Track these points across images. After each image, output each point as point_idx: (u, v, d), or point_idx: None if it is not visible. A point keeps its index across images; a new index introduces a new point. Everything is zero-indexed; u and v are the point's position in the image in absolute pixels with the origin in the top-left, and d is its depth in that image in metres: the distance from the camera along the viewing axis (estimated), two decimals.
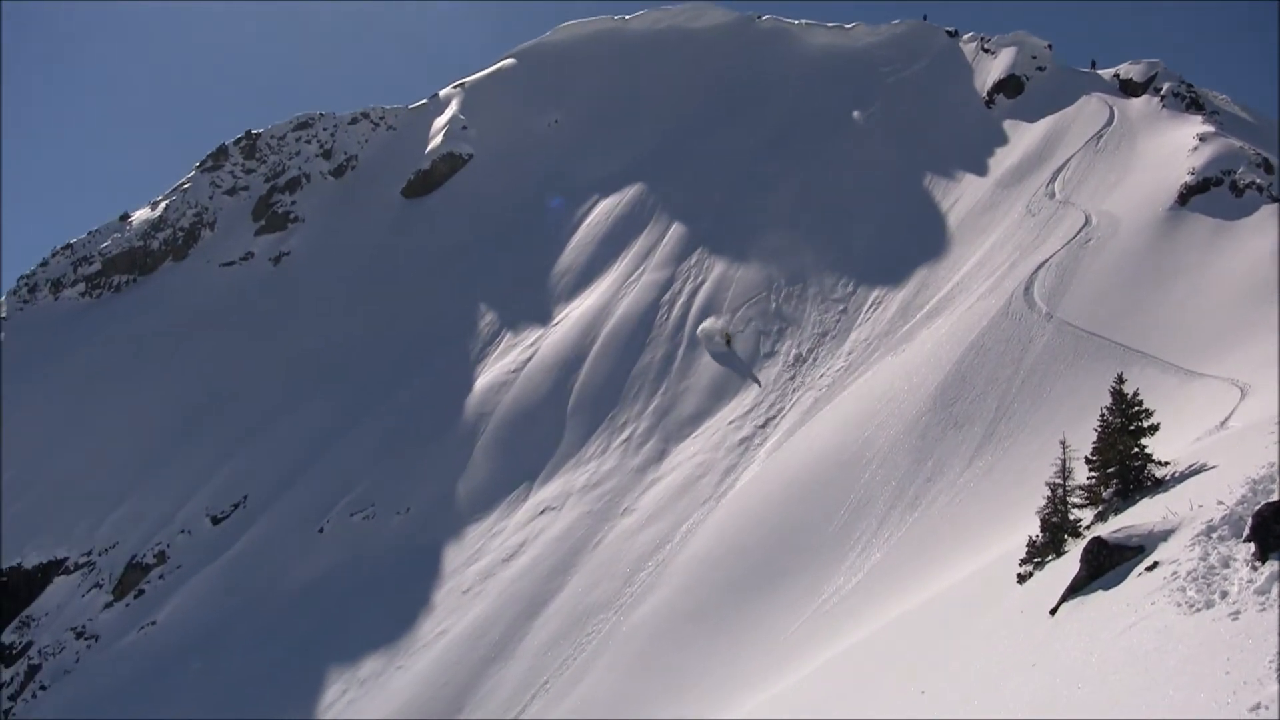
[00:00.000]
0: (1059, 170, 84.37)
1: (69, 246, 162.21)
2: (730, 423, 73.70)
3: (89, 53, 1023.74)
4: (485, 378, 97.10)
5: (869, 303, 79.55)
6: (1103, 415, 28.79)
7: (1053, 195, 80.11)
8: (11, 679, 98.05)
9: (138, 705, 78.24)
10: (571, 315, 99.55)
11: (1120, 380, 28.92)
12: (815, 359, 76.65)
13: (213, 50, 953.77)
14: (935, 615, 33.08)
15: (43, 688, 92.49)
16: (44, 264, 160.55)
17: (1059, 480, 28.74)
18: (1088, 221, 70.26)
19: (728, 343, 79.99)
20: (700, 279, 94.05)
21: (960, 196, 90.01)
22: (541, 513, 74.76)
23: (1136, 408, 28.19)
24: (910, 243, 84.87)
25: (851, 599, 46.68)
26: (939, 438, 53.48)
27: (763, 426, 71.46)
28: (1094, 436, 29.00)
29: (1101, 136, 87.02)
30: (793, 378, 75.65)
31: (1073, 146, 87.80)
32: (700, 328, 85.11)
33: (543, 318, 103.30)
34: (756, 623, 51.03)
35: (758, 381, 77.20)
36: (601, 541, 67.85)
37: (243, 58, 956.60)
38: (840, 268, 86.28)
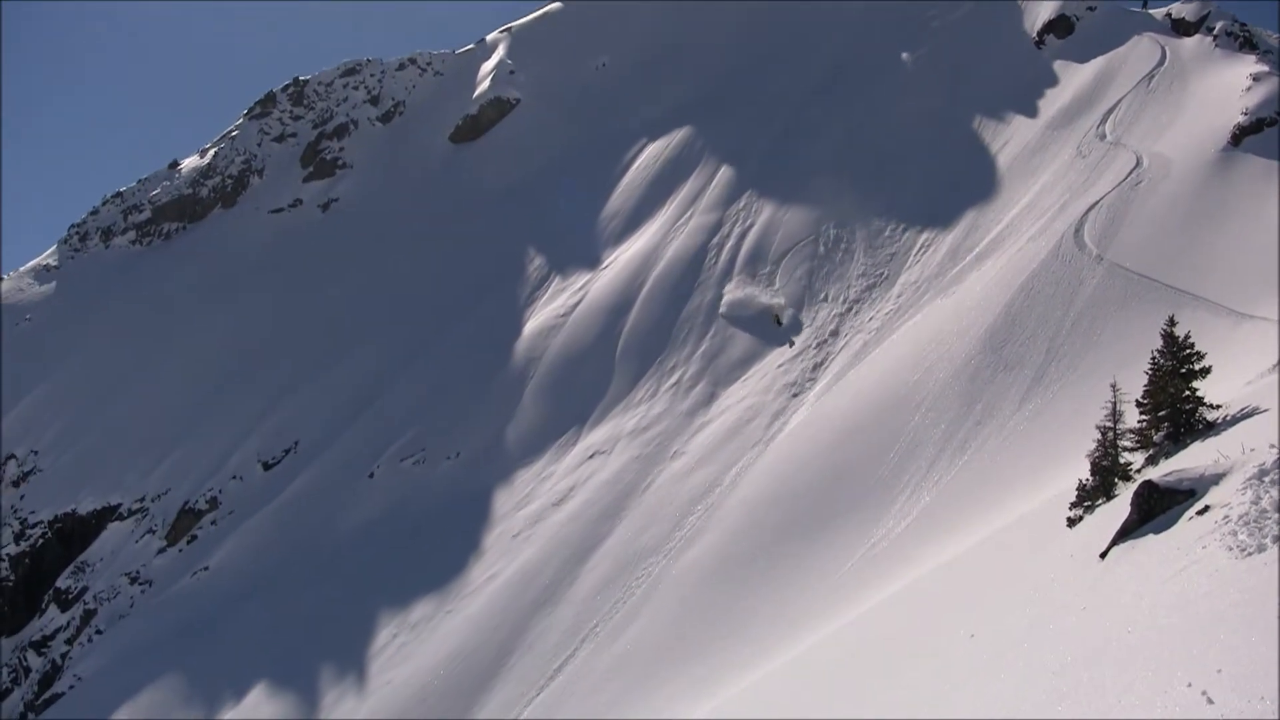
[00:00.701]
0: (1110, 111, 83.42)
1: (119, 195, 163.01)
2: (779, 366, 73.60)
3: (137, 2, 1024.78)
4: (534, 322, 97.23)
5: (918, 246, 79.14)
6: (1154, 358, 28.62)
7: (1103, 137, 79.22)
8: (68, 623, 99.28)
9: (191, 649, 79.11)
10: (620, 259, 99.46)
11: (1172, 323, 28.71)
12: (864, 302, 76.38)
13: None
14: (984, 559, 33.10)
15: (98, 632, 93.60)
16: (94, 212, 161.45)
17: (1109, 424, 28.63)
18: (1139, 163, 69.49)
19: (778, 322, 78.75)
20: (749, 222, 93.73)
21: (1010, 138, 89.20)
22: (590, 457, 74.96)
23: (1188, 350, 27.98)
24: (959, 185, 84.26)
25: (901, 542, 46.70)
26: (988, 381, 53.29)
27: (812, 370, 71.35)
28: (1145, 379, 28.83)
29: (1153, 77, 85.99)
30: (841, 321, 75.46)
31: (1124, 87, 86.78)
32: (731, 299, 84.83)
33: (591, 262, 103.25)
34: (806, 566, 51.11)
35: (805, 325, 77.05)
36: (651, 485, 68.01)
37: (289, 4, 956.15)
38: (889, 211, 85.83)
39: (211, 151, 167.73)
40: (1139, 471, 27.72)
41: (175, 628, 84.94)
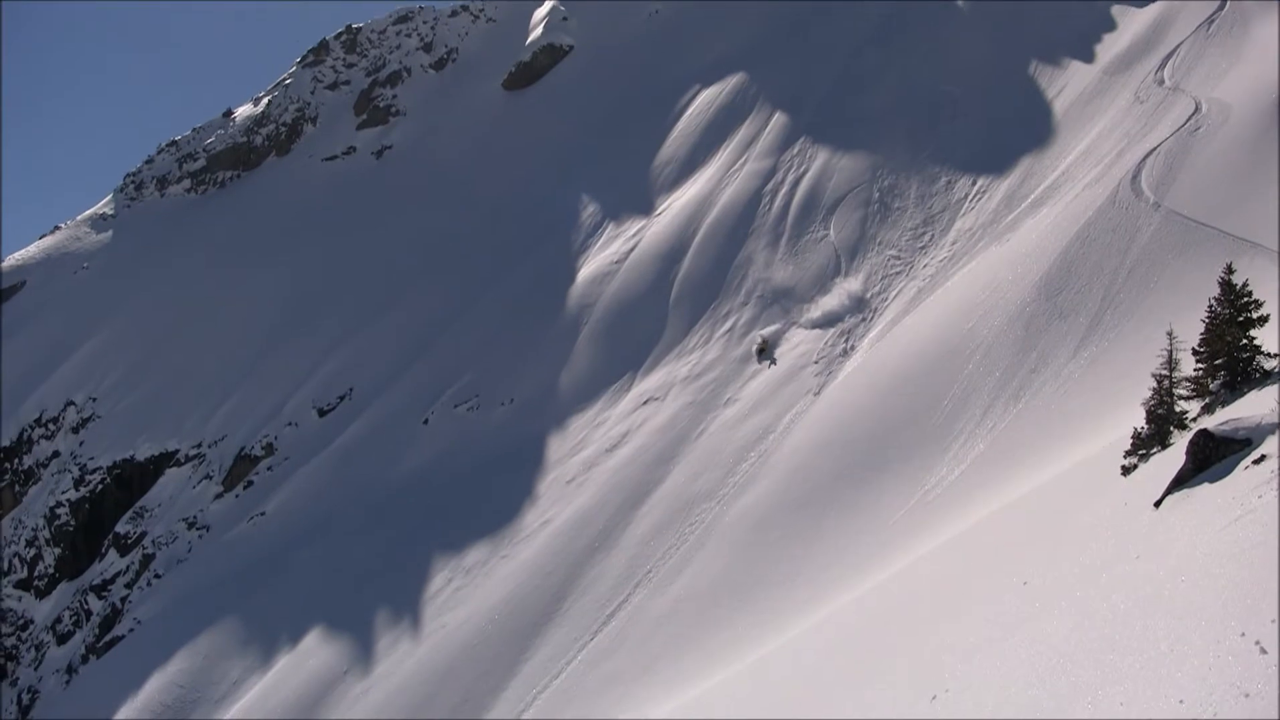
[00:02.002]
0: (1168, 57, 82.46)
1: (174, 143, 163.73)
2: (833, 312, 73.55)
3: None
4: (588, 269, 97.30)
5: (973, 192, 78.69)
6: (1211, 306, 28.43)
7: (1162, 82, 78.36)
8: (127, 568, 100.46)
9: (248, 594, 79.93)
10: (674, 205, 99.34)
11: (1229, 270, 28.50)
12: (918, 249, 76.10)
13: None
14: (1038, 507, 33.07)
15: (157, 576, 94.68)
16: (149, 161, 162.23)
17: (1165, 372, 28.51)
18: (1198, 109, 68.67)
19: (761, 351, 74.48)
20: (803, 169, 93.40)
21: (1066, 84, 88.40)
22: (644, 403, 75.13)
23: (1246, 299, 27.76)
24: (1015, 131, 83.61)
25: (955, 490, 46.68)
26: (1043, 328, 53.04)
27: (866, 317, 71.26)
28: (1201, 328, 28.66)
29: (1213, 22, 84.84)
30: (896, 268, 75.22)
31: (1183, 32, 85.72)
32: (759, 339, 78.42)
33: (645, 208, 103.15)
34: (859, 513, 51.17)
35: (859, 272, 76.83)
36: (704, 432, 68.14)
37: None
38: (943, 157, 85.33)
39: (265, 100, 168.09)
40: (1195, 420, 27.62)
41: (232, 572, 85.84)
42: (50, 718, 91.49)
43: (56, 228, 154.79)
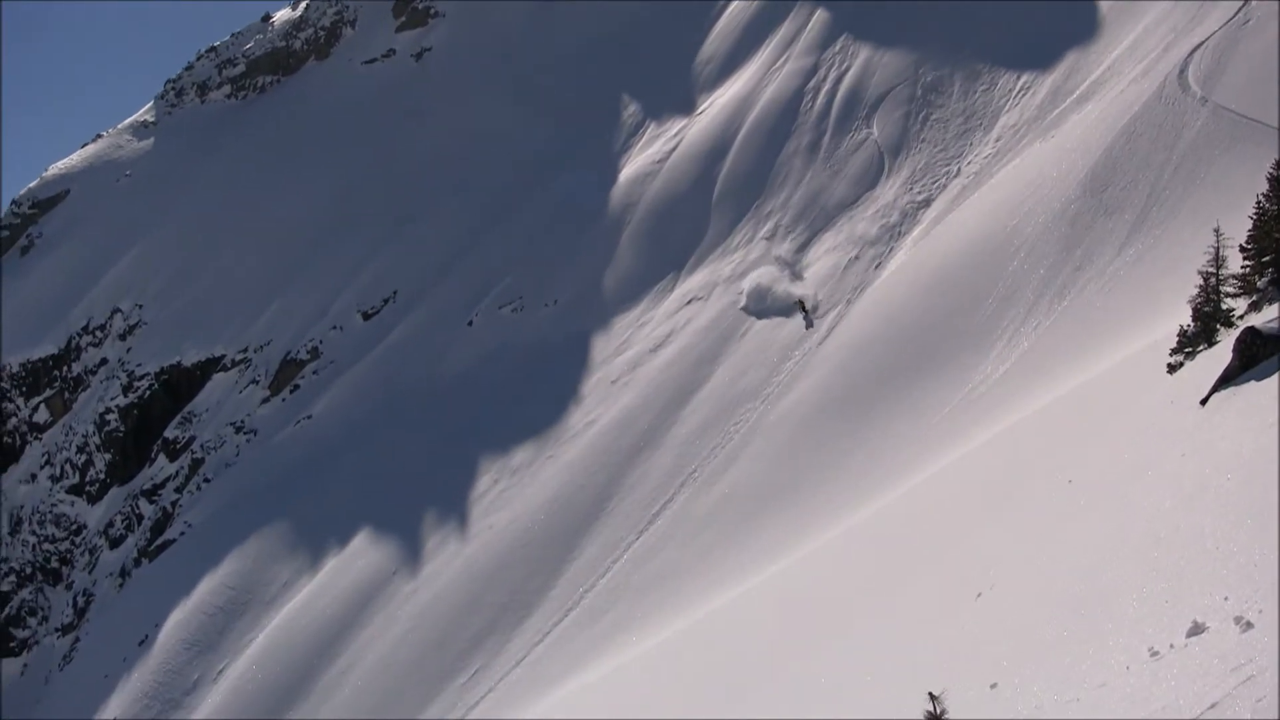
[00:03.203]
0: None
1: (213, 49, 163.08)
2: (877, 210, 73.18)
3: None
4: (630, 169, 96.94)
5: (1017, 88, 77.80)
6: (1259, 202, 28.14)
7: None
8: (176, 472, 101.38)
9: (296, 497, 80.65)
10: (716, 104, 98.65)
11: (1278, 166, 28.23)
12: (962, 146, 75.48)
13: None
14: (1083, 404, 33.06)
15: (206, 480, 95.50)
16: (189, 68, 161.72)
17: (1212, 269, 28.28)
18: (1246, 1, 67.77)
19: (804, 311, 68.43)
20: (845, 66, 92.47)
21: None
22: (688, 302, 75.11)
23: None
24: (1060, 26, 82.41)
25: (999, 388, 46.69)
26: (1088, 225, 52.69)
27: (909, 214, 70.89)
28: (1249, 224, 28.43)
29: None
30: (939, 165, 74.70)
31: None
32: (754, 283, 74.61)
33: (686, 107, 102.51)
34: (903, 410, 51.26)
35: (903, 170, 76.33)
36: (748, 331, 68.15)
37: None
38: (987, 52, 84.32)
39: (303, 4, 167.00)
40: (1241, 318, 27.46)
41: (280, 476, 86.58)
42: (105, 620, 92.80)
43: (98, 136, 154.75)
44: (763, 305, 70.98)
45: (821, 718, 19.25)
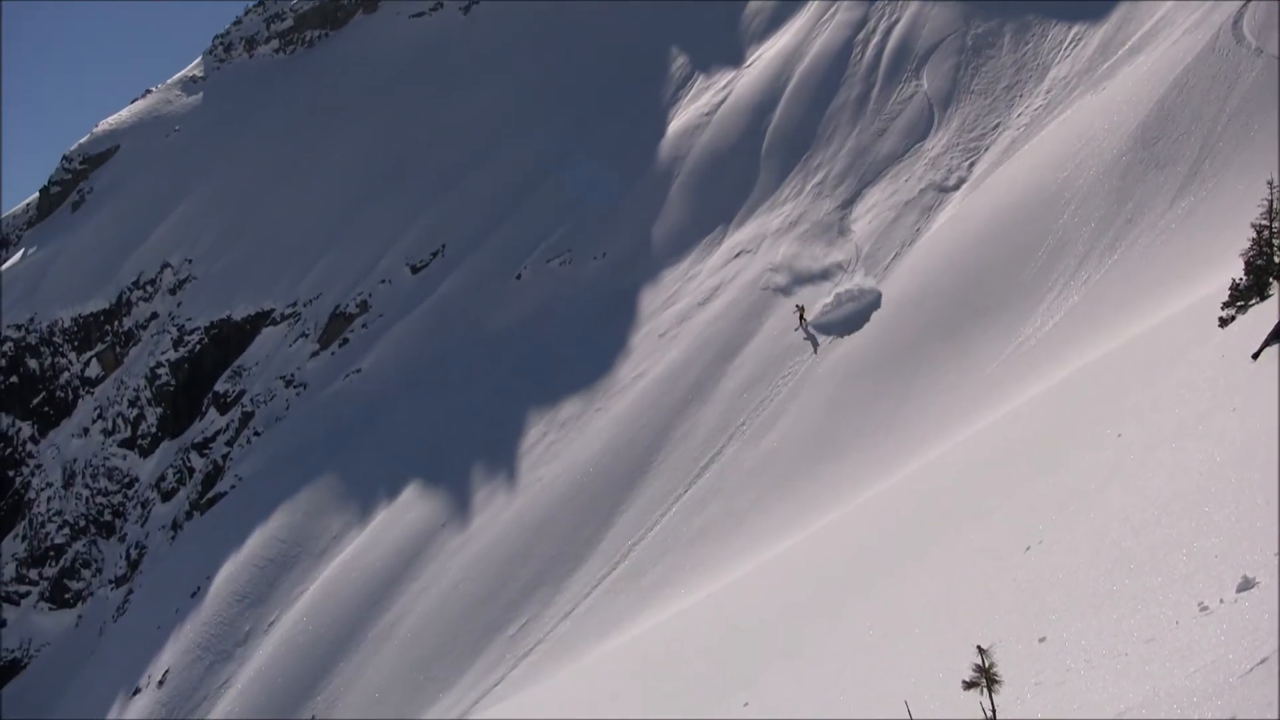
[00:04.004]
0: None
1: (261, 3, 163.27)
2: (926, 163, 72.80)
3: None
4: (678, 121, 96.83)
5: (1068, 39, 77.05)
6: None
7: None
8: (227, 426, 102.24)
9: (346, 449, 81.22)
10: (764, 56, 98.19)
11: None
12: (1012, 98, 74.91)
13: None
14: (1133, 358, 32.91)
15: (256, 434, 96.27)
16: (237, 22, 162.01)
17: (1264, 222, 28.02)
18: None
19: (800, 317, 64.94)
20: (894, 17, 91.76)
21: None
22: (736, 256, 75.02)
23: None
24: None
25: (1048, 341, 46.49)
26: (1140, 178, 52.27)
27: (959, 167, 70.49)
28: None
29: None
30: (989, 118, 74.20)
31: None
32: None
33: (735, 59, 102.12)
34: (951, 364, 51.15)
35: (953, 123, 75.84)
36: (795, 285, 68.09)
37: None
38: (1038, 4, 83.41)
39: None
40: None
41: (330, 429, 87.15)
42: (157, 572, 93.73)
43: (147, 91, 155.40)
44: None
45: (867, 672, 19.32)
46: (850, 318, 60.48)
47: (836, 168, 77.84)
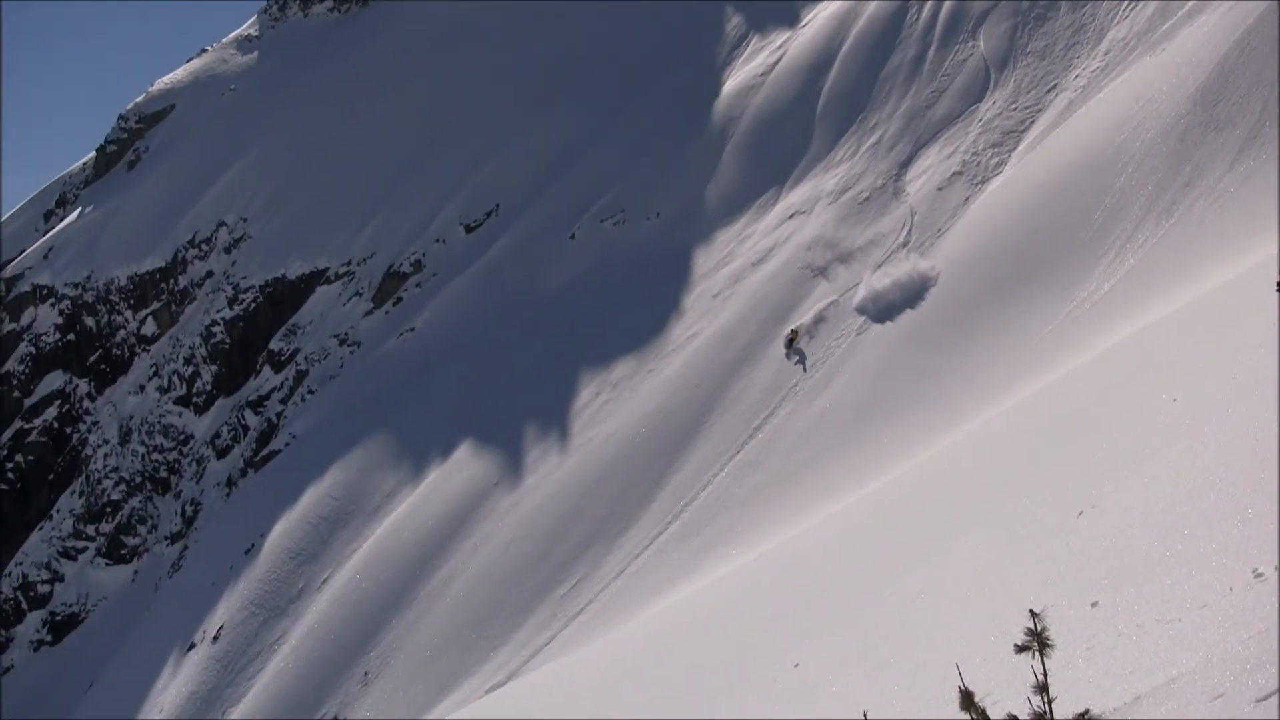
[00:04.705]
0: None
1: None
2: (982, 125, 72.33)
3: None
4: (733, 82, 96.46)
5: (1127, 0, 76.44)
6: None
7: None
8: (281, 384, 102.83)
9: (400, 408, 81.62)
10: (819, 16, 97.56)
11: None
12: (1070, 60, 74.27)
13: None
14: (1189, 323, 32.74)
15: (310, 392, 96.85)
16: None
17: None
18: None
19: (790, 343, 62.68)
20: None
21: None
22: (790, 217, 74.84)
23: None
24: None
25: (1104, 305, 46.26)
26: (1198, 141, 51.77)
27: (1015, 129, 70.03)
28: None
29: None
30: (1046, 80, 73.61)
31: None
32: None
33: (790, 20, 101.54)
34: (1005, 327, 51.01)
35: (1009, 85, 75.25)
36: (851, 246, 67.89)
37: None
38: None
39: None
40: None
41: (383, 387, 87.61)
42: (212, 529, 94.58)
43: (203, 50, 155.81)
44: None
45: (918, 634, 19.36)
46: (904, 300, 59.78)
47: (891, 129, 77.43)
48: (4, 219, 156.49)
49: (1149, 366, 30.32)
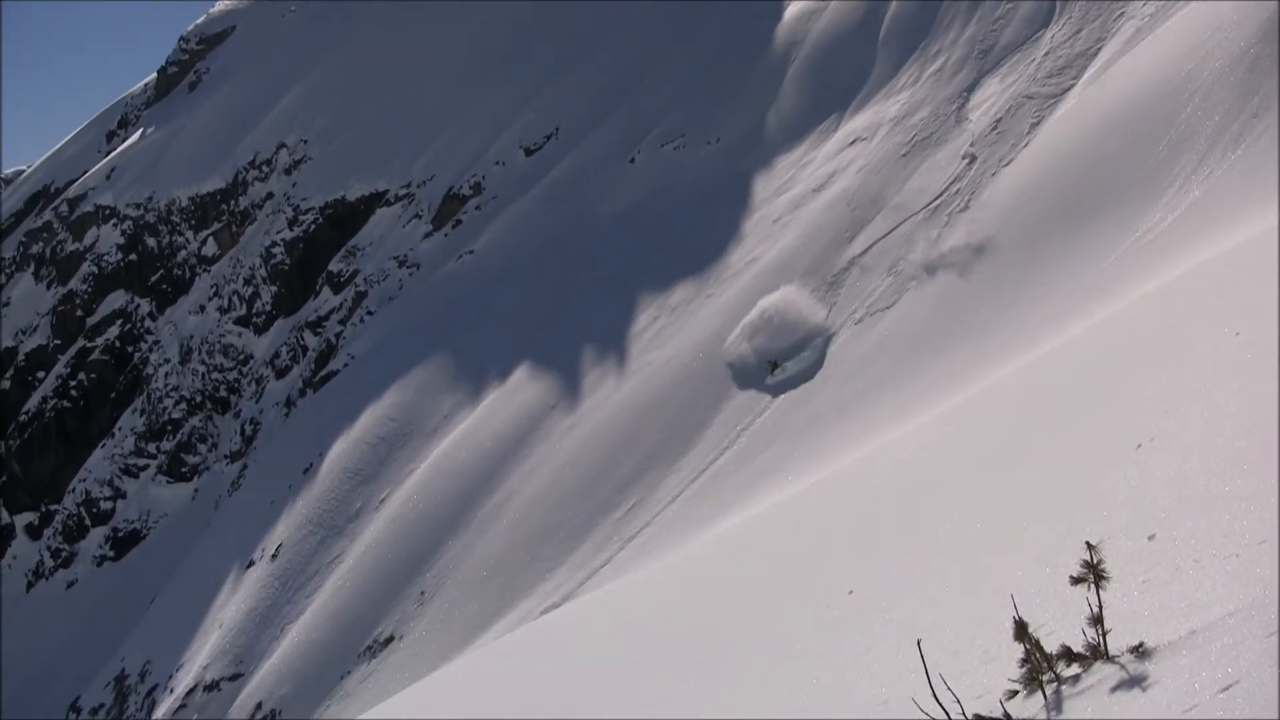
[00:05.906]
0: None
1: None
2: (1046, 53, 71.48)
3: None
4: (795, 6, 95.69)
5: None
6: None
7: None
8: (340, 305, 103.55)
9: (458, 329, 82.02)
10: None
11: None
12: None
13: None
14: (1256, 255, 32.34)
15: (369, 313, 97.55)
16: None
17: None
18: None
19: (772, 370, 59.00)
20: None
21: None
22: (851, 143, 74.36)
23: None
24: None
25: (1167, 236, 45.81)
26: (1267, 72, 50.89)
27: (1080, 57, 69.18)
28: None
29: None
30: (1114, 6, 72.64)
31: None
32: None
33: None
34: (1066, 257, 50.60)
35: (1072, 15, 74.25)
36: (911, 174, 67.43)
37: None
38: None
39: None
40: None
41: (442, 309, 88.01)
42: (271, 448, 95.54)
43: None
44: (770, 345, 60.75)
45: (972, 564, 19.38)
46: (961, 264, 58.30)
47: (955, 56, 76.60)
48: (66, 140, 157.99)
49: (1214, 298, 30.04)
